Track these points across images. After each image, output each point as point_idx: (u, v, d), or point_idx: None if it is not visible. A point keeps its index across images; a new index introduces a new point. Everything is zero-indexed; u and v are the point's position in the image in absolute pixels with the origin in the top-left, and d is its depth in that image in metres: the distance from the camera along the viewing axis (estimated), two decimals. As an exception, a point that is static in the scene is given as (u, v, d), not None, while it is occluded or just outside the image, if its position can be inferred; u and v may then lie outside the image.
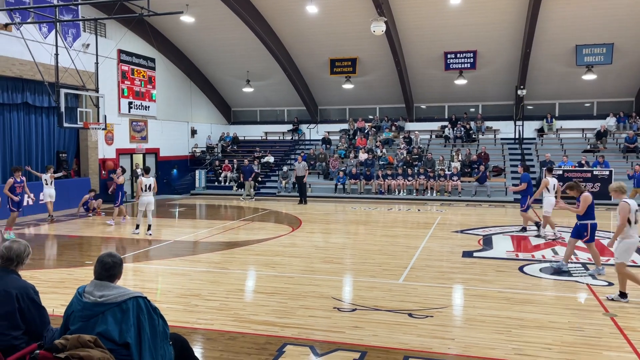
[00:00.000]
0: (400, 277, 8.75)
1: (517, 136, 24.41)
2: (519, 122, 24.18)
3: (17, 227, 14.38)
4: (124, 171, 15.94)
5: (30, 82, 17.20)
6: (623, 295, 7.36)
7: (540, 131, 24.90)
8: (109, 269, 3.41)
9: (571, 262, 9.74)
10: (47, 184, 15.55)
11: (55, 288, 8.17)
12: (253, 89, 26.75)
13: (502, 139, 25.08)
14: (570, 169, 19.83)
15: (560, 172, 19.63)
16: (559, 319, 6.62)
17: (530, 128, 25.01)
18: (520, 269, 9.34)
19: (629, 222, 7.34)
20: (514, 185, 17.32)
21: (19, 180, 13.17)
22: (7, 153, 17.08)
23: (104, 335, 3.13)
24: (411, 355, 5.49)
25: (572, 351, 5.59)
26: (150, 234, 12.90)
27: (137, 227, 13.36)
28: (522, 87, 23.17)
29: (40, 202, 16.48)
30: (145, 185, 13.02)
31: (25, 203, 15.31)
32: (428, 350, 5.63)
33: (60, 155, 18.89)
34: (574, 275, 8.89)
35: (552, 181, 12.71)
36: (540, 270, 9.29)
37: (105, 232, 13.65)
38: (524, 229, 13.27)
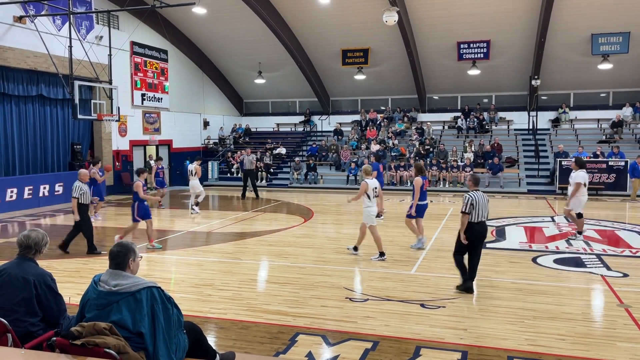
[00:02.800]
0: (413, 268, 8.75)
1: (531, 127, 24.16)
2: (532, 113, 23.91)
3: (34, 217, 14.57)
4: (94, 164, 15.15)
5: (44, 75, 17.35)
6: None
7: (555, 122, 24.62)
8: (115, 258, 3.45)
9: (585, 253, 9.67)
10: (192, 175, 15.53)
11: (71, 277, 8.29)
12: (265, 80, 26.74)
13: (515, 129, 24.84)
14: (585, 159, 19.58)
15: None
16: (572, 309, 6.59)
17: (544, 118, 24.73)
18: (534, 260, 9.29)
19: (368, 196, 9.38)
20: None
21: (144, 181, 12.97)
22: (23, 145, 17.28)
23: (119, 323, 3.17)
24: (423, 345, 5.50)
25: (585, 342, 5.57)
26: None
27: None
28: (536, 77, 22.89)
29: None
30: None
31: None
32: (440, 340, 5.63)
33: (75, 146, 19.08)
34: (588, 266, 8.81)
35: (583, 176, 10.93)
36: (554, 261, 9.22)
37: (119, 223, 13.75)
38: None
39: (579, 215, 10.97)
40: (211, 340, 5.74)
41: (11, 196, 15.90)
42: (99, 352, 2.93)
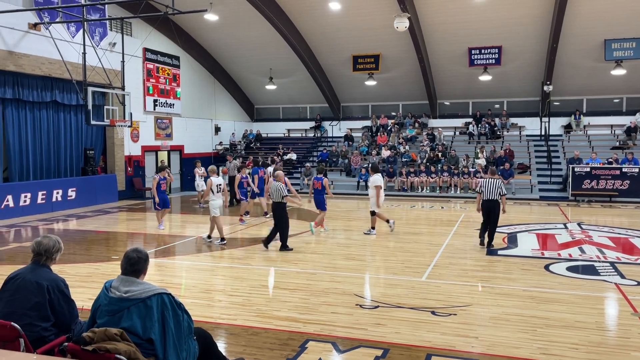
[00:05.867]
0: (423, 275, 8.70)
1: (543, 133, 23.99)
2: (545, 119, 23.75)
3: (47, 221, 14.73)
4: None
5: (59, 81, 17.56)
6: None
7: (567, 128, 24.42)
8: (133, 264, 3.46)
9: (598, 261, 9.56)
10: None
11: (83, 282, 8.35)
12: (276, 86, 26.85)
13: (527, 135, 24.68)
14: (599, 166, 19.40)
15: (588, 170, 19.25)
16: (586, 318, 6.50)
17: (556, 125, 24.54)
18: (546, 267, 9.19)
19: (212, 191, 11.35)
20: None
21: (163, 178, 13.05)
22: (37, 150, 17.48)
23: (129, 330, 3.18)
24: (434, 353, 5.46)
25: (599, 351, 5.49)
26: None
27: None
28: (548, 82, 22.74)
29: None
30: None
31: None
32: (451, 348, 5.59)
33: (88, 152, 19.27)
34: (601, 274, 8.71)
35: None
36: (567, 269, 9.12)
37: (131, 228, 13.86)
38: None
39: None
40: (221, 346, 5.75)
41: (25, 201, 16.09)
42: (110, 358, 2.94)
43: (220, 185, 11.61)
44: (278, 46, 23.51)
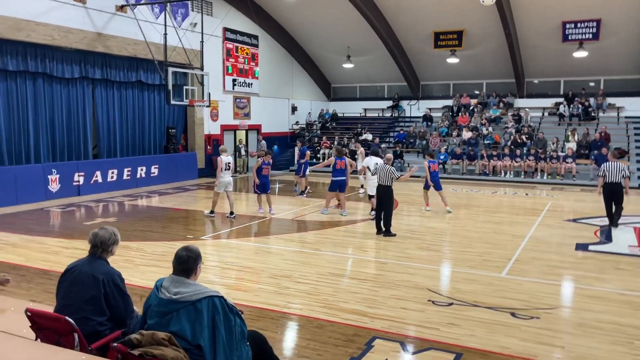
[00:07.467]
0: (503, 270, 8.09)
1: (645, 114, 21.82)
2: (648, 99, 21.57)
3: (131, 197, 15.41)
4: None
5: (143, 61, 18.16)
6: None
7: (675, 109, 22.05)
8: (182, 263, 3.29)
9: None
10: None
11: (157, 261, 8.54)
12: (353, 64, 26.33)
13: (626, 117, 22.55)
14: None
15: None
16: (694, 332, 5.71)
17: (661, 105, 22.24)
18: (646, 268, 8.26)
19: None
20: None
21: (267, 162, 12.98)
22: (123, 128, 18.29)
23: (178, 334, 3.03)
24: (513, 362, 4.98)
25: None
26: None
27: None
28: (654, 58, 20.55)
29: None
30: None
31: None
32: (533, 358, 5.06)
33: (170, 130, 19.92)
34: None
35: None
36: (671, 270, 8.14)
37: (208, 207, 14.07)
38: None
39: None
40: (284, 339, 5.60)
41: (112, 177, 16.91)
42: (156, 364, 2.81)
43: (229, 163, 12.39)
44: (356, 23, 22.93)
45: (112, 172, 16.94)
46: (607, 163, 11.36)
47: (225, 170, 12.30)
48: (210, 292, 3.15)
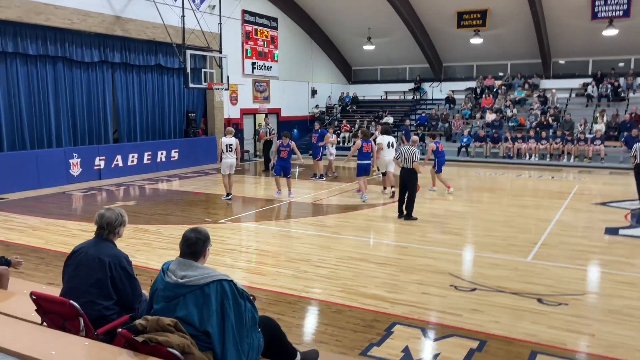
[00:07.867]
0: (529, 255, 7.82)
1: (678, 94, 20.99)
2: (682, 78, 20.71)
3: (151, 181, 15.44)
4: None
5: (162, 45, 18.06)
6: None
7: None
8: (190, 246, 3.14)
9: None
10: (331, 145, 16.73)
11: (174, 244, 8.45)
12: (374, 46, 25.84)
13: (659, 97, 21.74)
14: None
15: None
16: None
17: (696, 85, 21.34)
18: (680, 253, 7.90)
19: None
20: None
21: (285, 144, 12.70)
22: (143, 112, 18.29)
23: (185, 320, 2.88)
24: (540, 350, 4.74)
25: None
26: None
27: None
28: (689, 36, 19.67)
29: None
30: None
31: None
32: (561, 346, 4.83)
33: (189, 114, 19.87)
34: None
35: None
36: None
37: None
38: None
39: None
40: (302, 323, 5.47)
41: (132, 161, 16.97)
42: (161, 351, 2.67)
43: (231, 145, 12.32)
44: (377, 4, 22.44)
45: (133, 156, 16.99)
46: (639, 144, 11.17)
47: (227, 152, 12.33)
48: (219, 276, 2.99)
